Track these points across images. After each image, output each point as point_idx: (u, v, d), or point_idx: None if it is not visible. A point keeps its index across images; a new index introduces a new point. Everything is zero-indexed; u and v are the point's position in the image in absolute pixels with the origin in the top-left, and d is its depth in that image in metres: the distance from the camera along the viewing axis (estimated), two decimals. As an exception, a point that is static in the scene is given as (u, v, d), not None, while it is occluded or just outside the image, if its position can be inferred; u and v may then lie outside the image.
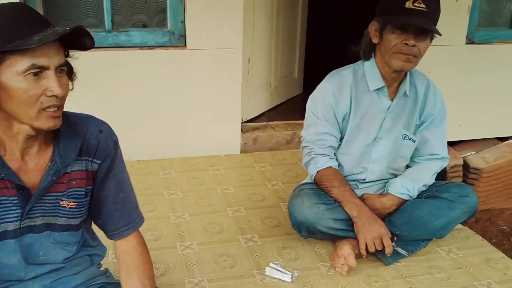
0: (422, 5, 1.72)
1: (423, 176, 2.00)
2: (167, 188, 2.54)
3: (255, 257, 1.96)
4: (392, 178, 2.04)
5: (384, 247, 1.85)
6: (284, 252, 2.00)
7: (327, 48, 4.67)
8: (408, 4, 1.72)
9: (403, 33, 1.75)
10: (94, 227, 1.39)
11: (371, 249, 1.85)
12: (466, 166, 3.35)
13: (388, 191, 1.98)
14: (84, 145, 1.21)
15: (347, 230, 1.92)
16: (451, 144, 3.45)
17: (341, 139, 1.99)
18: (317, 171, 1.94)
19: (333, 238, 1.99)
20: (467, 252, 2.04)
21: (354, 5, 4.25)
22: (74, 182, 1.21)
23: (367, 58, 1.93)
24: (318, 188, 1.98)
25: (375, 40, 1.85)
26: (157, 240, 2.05)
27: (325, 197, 1.93)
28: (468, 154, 3.40)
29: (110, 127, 1.28)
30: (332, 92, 1.92)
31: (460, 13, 3.09)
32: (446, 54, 3.15)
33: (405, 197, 1.96)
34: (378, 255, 1.93)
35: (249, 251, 2.00)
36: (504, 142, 3.52)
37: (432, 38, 1.82)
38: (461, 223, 2.06)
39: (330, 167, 1.95)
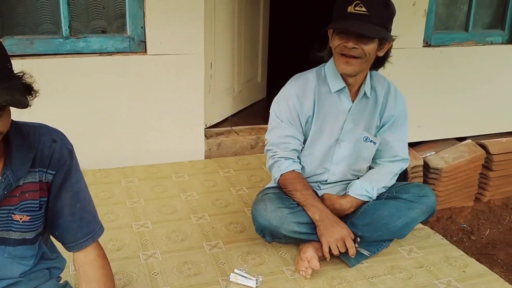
0: (363, 9, 1.75)
1: (383, 178, 2.03)
2: (130, 197, 2.50)
3: (219, 263, 1.95)
4: (354, 179, 2.07)
5: (347, 249, 1.86)
6: (248, 258, 1.99)
7: (290, 52, 4.70)
8: (350, 9, 1.77)
9: (344, 36, 1.80)
10: (53, 238, 1.35)
11: (335, 251, 1.86)
12: (426, 166, 3.43)
13: (348, 193, 2.01)
14: (38, 156, 1.18)
15: (310, 234, 1.93)
16: (411, 145, 3.52)
17: (304, 141, 2.01)
18: (281, 175, 1.96)
19: (296, 242, 2.00)
20: (427, 251, 2.08)
21: (316, 8, 4.30)
22: (27, 195, 1.17)
23: (326, 60, 1.97)
24: (281, 192, 1.99)
25: (330, 44, 1.90)
26: (120, 250, 2.01)
27: (288, 201, 1.94)
28: (428, 154, 3.48)
29: (64, 135, 1.25)
30: (297, 94, 1.94)
31: (417, 16, 3.17)
32: (405, 57, 3.22)
33: (364, 199, 1.99)
34: (342, 257, 1.95)
35: (213, 258, 1.99)
36: (462, 142, 3.61)
37: (387, 39, 1.84)
38: (422, 222, 2.10)
39: (293, 170, 1.96)
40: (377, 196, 2.02)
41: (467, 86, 3.51)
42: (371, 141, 2.01)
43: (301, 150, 2.02)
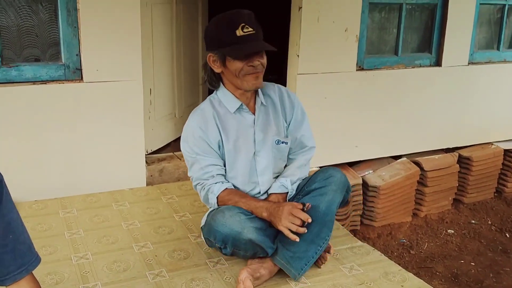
0: (250, 29, 1.90)
1: (295, 170, 2.17)
2: (68, 228, 2.42)
3: (163, 292, 1.92)
4: None
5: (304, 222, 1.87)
6: (193, 285, 1.97)
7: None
8: (239, 32, 1.88)
9: (246, 58, 1.93)
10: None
11: (294, 228, 1.85)
12: (365, 185, 3.53)
13: (270, 192, 2.12)
14: None
15: (267, 242, 1.95)
16: (349, 164, 3.64)
17: (224, 164, 2.09)
18: (217, 197, 2.02)
19: (254, 253, 2.00)
20: (367, 267, 2.14)
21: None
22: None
23: (215, 87, 2.10)
24: None
25: (218, 70, 2.02)
26: (58, 284, 1.94)
27: (243, 208, 1.99)
28: (366, 173, 3.59)
29: None
30: (199, 126, 2.04)
31: (349, 42, 3.30)
32: (339, 81, 3.34)
33: (282, 190, 2.09)
34: (285, 270, 1.97)
35: (157, 287, 1.95)
36: (397, 161, 3.75)
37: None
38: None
39: (226, 188, 2.03)
40: (295, 198, 2.10)
41: (400, 107, 3.67)
42: (283, 143, 2.15)
43: (226, 172, 2.10)
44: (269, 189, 2.15)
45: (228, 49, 1.91)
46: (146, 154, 3.14)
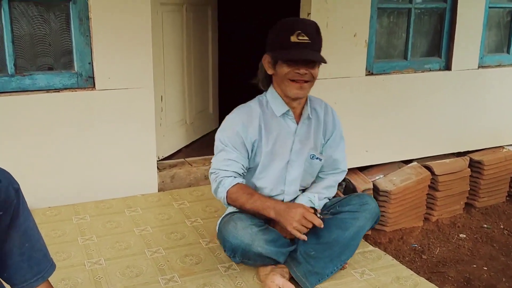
0: (306, 38, 1.91)
1: (324, 189, 2.19)
2: (81, 234, 2.45)
3: (175, 297, 1.94)
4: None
5: (314, 225, 1.89)
6: (205, 290, 1.99)
7: (240, 83, 4.78)
8: (293, 38, 1.90)
9: (294, 64, 1.93)
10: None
11: (303, 230, 1.88)
12: (376, 189, 3.53)
13: None
14: None
15: (279, 252, 1.97)
16: (360, 169, 3.63)
17: (256, 166, 2.09)
18: (227, 192, 2.01)
19: (264, 264, 2.01)
20: (379, 272, 2.14)
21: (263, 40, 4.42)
22: (-27, 237, 1.15)
23: (266, 88, 2.11)
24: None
25: (270, 72, 2.03)
26: (72, 290, 1.97)
27: (256, 219, 1.99)
28: (377, 178, 3.59)
29: (10, 174, 1.24)
30: (241, 121, 2.04)
31: (358, 47, 3.31)
32: (349, 86, 3.35)
33: (310, 205, 2.07)
34: (299, 282, 1.98)
35: (169, 291, 1.97)
36: (408, 165, 3.74)
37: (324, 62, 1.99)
38: (374, 243, 2.17)
39: (237, 183, 2.02)
40: (322, 213, 2.10)
41: (409, 111, 3.66)
42: (317, 158, 2.15)
43: (254, 173, 2.09)
44: (294, 200, 2.14)
45: (278, 52, 1.94)
46: (157, 161, 3.16)
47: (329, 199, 2.21)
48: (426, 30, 3.77)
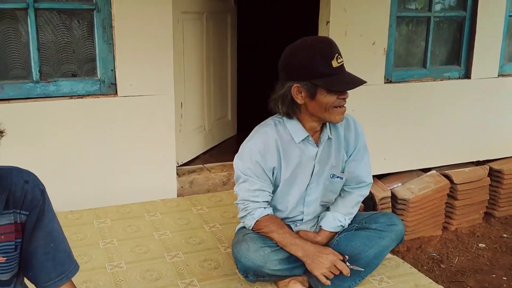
0: (341, 59, 1.83)
1: (351, 207, 2.13)
2: (103, 238, 2.49)
3: (194, 301, 1.96)
4: (323, 210, 2.14)
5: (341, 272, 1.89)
6: (223, 294, 2.01)
7: (258, 90, 4.81)
8: (335, 64, 1.80)
9: (340, 91, 1.85)
10: (26, 280, 1.35)
11: (330, 277, 1.89)
12: (394, 198, 3.52)
13: (322, 227, 2.09)
14: (11, 197, 1.20)
15: (293, 268, 1.97)
16: (378, 177, 3.62)
17: (276, 190, 2.05)
18: (255, 221, 1.99)
19: (280, 279, 2.02)
20: (397, 280, 2.14)
21: (283, 50, 4.44)
22: (3, 237, 1.19)
23: (291, 117, 1.96)
24: None
25: (301, 102, 1.88)
26: (93, 292, 2.00)
27: (269, 240, 1.98)
28: (395, 186, 3.58)
29: (36, 176, 1.28)
30: (258, 150, 1.94)
31: (377, 55, 3.32)
32: (368, 93, 3.35)
33: (338, 229, 2.07)
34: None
35: (188, 295, 2.00)
36: (427, 173, 3.72)
37: None
38: (392, 251, 2.17)
39: (267, 214, 2.00)
40: (347, 228, 2.09)
41: (428, 119, 3.65)
42: (338, 177, 2.08)
43: (272, 199, 2.06)
44: (316, 221, 2.13)
45: (324, 81, 1.80)
46: (177, 166, 3.20)
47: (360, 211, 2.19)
48: (445, 38, 3.76)
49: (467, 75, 3.78)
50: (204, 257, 2.31)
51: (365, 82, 1.88)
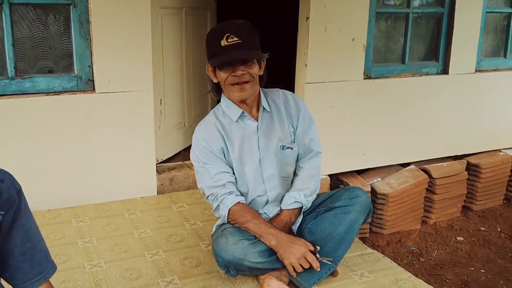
0: (235, 39, 1.91)
1: (307, 183, 2.15)
2: (81, 237, 2.45)
3: (175, 299, 1.94)
4: (286, 191, 2.16)
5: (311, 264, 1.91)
6: (205, 292, 2.00)
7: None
8: (223, 42, 1.91)
9: (230, 68, 1.95)
10: (3, 281, 1.32)
11: (299, 270, 1.92)
12: (373, 192, 3.54)
13: (281, 208, 2.12)
14: None
15: (273, 261, 1.97)
16: (358, 172, 3.65)
17: (233, 172, 2.10)
18: (228, 210, 2.02)
19: (261, 272, 2.02)
20: (377, 274, 2.16)
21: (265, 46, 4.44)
22: (-22, 238, 1.16)
23: (218, 97, 2.15)
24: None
25: (215, 80, 2.07)
26: (72, 292, 1.98)
27: (247, 233, 1.99)
28: (375, 181, 3.60)
29: (11, 175, 1.25)
30: (202, 138, 2.08)
31: (357, 51, 3.33)
32: (347, 89, 3.37)
33: (296, 206, 2.09)
34: (295, 282, 1.99)
35: (169, 294, 1.98)
36: (406, 168, 3.75)
37: (262, 58, 2.00)
38: (372, 246, 2.18)
39: (238, 202, 2.04)
40: (316, 212, 2.12)
41: (407, 114, 3.68)
42: (288, 148, 2.14)
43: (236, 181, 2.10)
44: (279, 199, 2.15)
45: (212, 59, 1.97)
46: (156, 163, 3.17)
47: (323, 193, 2.21)
48: (424, 34, 3.80)
49: (445, 71, 3.82)
50: (185, 255, 2.30)
51: (248, 57, 1.93)
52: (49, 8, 2.70)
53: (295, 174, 2.21)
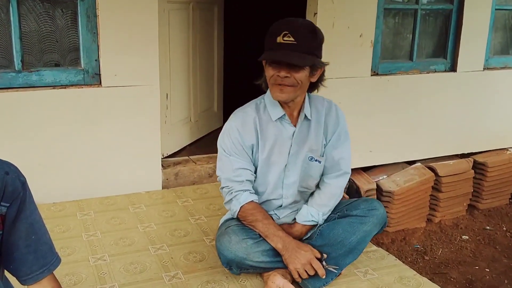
0: (291, 39, 1.83)
1: (328, 201, 2.10)
2: (86, 230, 2.46)
3: (179, 294, 1.95)
4: (302, 200, 2.13)
5: (316, 271, 1.90)
6: (208, 287, 2.00)
7: (245, 82, 4.79)
8: (279, 39, 1.83)
9: (276, 66, 1.87)
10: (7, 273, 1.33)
11: (304, 276, 1.91)
12: (379, 190, 3.53)
13: (296, 221, 2.10)
14: None
15: (276, 261, 1.97)
16: (363, 169, 3.64)
17: (255, 171, 2.06)
18: (240, 207, 1.99)
19: (264, 271, 2.02)
20: (382, 272, 2.15)
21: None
22: (-17, 230, 1.16)
23: (265, 89, 2.03)
24: (243, 223, 2.03)
25: (266, 73, 1.96)
26: (76, 285, 1.98)
27: (251, 232, 1.98)
28: (380, 178, 3.59)
29: (16, 167, 1.25)
30: (236, 127, 2.00)
31: (364, 47, 3.31)
32: (354, 86, 3.35)
33: (311, 224, 2.07)
34: (301, 285, 1.98)
35: (173, 288, 1.99)
36: (412, 166, 3.74)
37: (317, 65, 1.92)
38: (376, 243, 2.17)
39: (252, 201, 2.01)
40: (329, 216, 2.10)
41: (414, 112, 3.66)
42: (316, 160, 2.07)
43: (254, 180, 2.07)
44: (292, 204, 2.12)
45: (264, 53, 1.89)
46: (162, 158, 3.18)
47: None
48: (432, 31, 3.77)
49: (453, 68, 3.80)
50: (189, 249, 2.30)
51: (289, 61, 1.83)
52: (57, 1, 2.70)
53: (317, 187, 2.14)
